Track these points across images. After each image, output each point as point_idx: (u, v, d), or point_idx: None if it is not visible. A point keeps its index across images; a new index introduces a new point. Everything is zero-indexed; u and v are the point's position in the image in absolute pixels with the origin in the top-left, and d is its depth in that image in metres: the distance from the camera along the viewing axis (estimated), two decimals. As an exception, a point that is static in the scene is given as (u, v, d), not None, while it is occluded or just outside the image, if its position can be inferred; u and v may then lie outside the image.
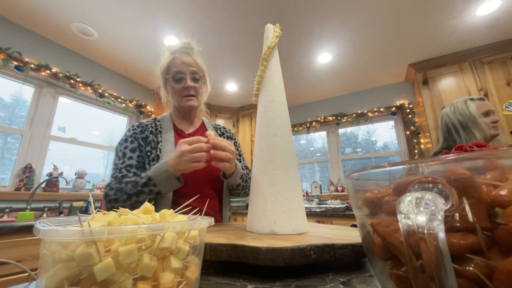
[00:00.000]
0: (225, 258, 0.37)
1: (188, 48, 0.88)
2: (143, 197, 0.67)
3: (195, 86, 0.85)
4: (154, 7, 1.89)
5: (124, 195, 0.68)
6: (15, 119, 2.08)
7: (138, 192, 0.67)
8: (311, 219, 2.42)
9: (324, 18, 2.02)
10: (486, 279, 0.15)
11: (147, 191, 0.67)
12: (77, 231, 0.18)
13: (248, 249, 0.36)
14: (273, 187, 0.55)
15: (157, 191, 0.67)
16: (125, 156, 0.77)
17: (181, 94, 0.85)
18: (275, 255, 0.34)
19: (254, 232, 0.54)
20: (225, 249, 0.37)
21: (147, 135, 0.82)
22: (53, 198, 2.08)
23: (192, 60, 0.84)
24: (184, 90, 0.84)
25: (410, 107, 2.86)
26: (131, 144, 0.79)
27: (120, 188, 0.69)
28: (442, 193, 0.16)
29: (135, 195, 0.67)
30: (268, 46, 0.67)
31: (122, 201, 0.68)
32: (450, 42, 2.30)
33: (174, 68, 0.84)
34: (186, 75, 0.84)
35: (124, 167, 0.75)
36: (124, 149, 0.78)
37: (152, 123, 0.87)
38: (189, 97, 0.85)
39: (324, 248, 0.36)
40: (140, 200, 0.67)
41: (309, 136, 3.73)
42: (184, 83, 0.84)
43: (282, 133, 0.60)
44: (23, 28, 2.08)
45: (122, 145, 0.79)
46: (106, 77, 2.66)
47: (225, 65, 2.70)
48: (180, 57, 0.84)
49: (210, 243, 0.39)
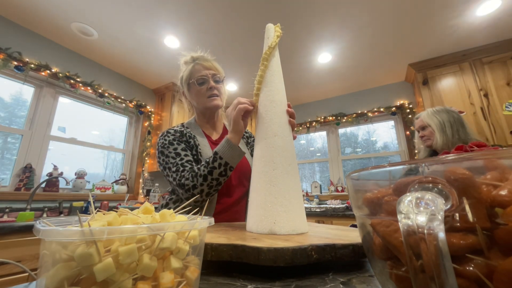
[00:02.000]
0: (226, 259, 0.37)
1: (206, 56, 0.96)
2: (216, 173, 0.71)
3: (217, 87, 0.91)
4: (154, 7, 1.89)
5: (200, 178, 0.71)
6: (15, 119, 2.08)
7: (210, 170, 0.71)
8: (311, 219, 2.42)
9: (324, 18, 2.02)
10: (486, 279, 0.15)
11: (217, 165, 0.71)
12: (77, 231, 0.18)
13: (249, 249, 0.36)
14: (273, 187, 0.55)
15: (225, 162, 0.71)
16: (179, 155, 0.80)
17: (205, 95, 0.90)
18: (276, 255, 0.34)
19: (254, 232, 0.54)
20: (226, 249, 0.37)
21: (187, 140, 0.86)
22: (53, 198, 2.08)
23: (212, 65, 0.92)
24: (208, 91, 0.90)
25: (410, 107, 2.86)
26: (179, 146, 0.83)
27: (194, 174, 0.73)
28: (442, 193, 0.16)
29: (209, 173, 0.71)
30: (269, 46, 0.67)
31: (200, 184, 0.71)
32: (450, 42, 2.30)
33: (197, 73, 0.90)
34: (209, 78, 0.90)
35: (185, 161, 0.79)
36: (174, 150, 0.81)
37: (184, 130, 0.90)
38: (213, 96, 0.90)
39: (325, 248, 0.36)
40: (215, 177, 0.71)
41: (309, 136, 3.73)
42: (207, 84, 0.89)
43: (282, 133, 0.60)
44: (23, 28, 2.08)
45: (169, 148, 0.82)
46: (106, 77, 2.66)
47: (225, 65, 2.70)
48: (200, 63, 0.91)
49: (211, 243, 0.38)
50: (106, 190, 2.50)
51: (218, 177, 0.71)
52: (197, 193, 0.72)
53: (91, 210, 0.25)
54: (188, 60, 0.95)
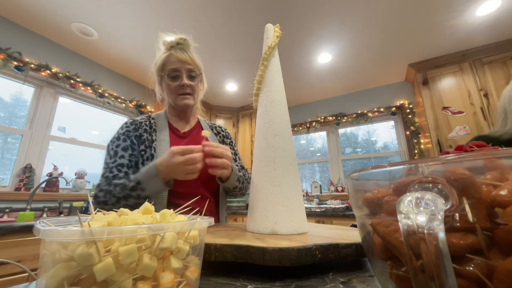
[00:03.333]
0: (230, 259, 0.37)
1: (185, 44, 0.85)
2: (132, 201, 0.66)
3: (191, 84, 0.82)
4: (154, 7, 1.89)
5: (113, 198, 0.66)
6: (15, 119, 2.08)
7: (126, 195, 0.65)
8: (311, 219, 2.42)
9: (324, 18, 2.02)
10: (486, 279, 0.15)
11: (135, 195, 0.65)
12: (77, 231, 0.18)
13: (254, 249, 0.35)
14: (274, 187, 0.55)
15: (145, 196, 0.65)
16: (117, 154, 0.75)
17: (176, 92, 0.82)
18: (282, 255, 0.34)
19: (255, 232, 0.54)
20: (230, 249, 0.37)
21: (141, 133, 0.80)
22: (53, 198, 2.08)
23: (188, 57, 0.82)
24: (180, 88, 0.82)
25: (410, 107, 2.86)
26: (123, 143, 0.77)
27: (109, 190, 0.67)
28: (442, 193, 0.16)
29: (123, 198, 0.66)
30: (268, 46, 0.67)
31: (111, 203, 0.66)
32: (450, 42, 2.30)
33: (170, 65, 0.81)
34: (182, 73, 0.81)
35: (115, 166, 0.73)
36: (116, 148, 0.76)
37: (146, 121, 0.84)
38: (185, 95, 0.83)
39: (328, 248, 0.36)
40: (129, 204, 0.66)
41: (309, 136, 3.73)
42: (180, 81, 0.81)
43: (282, 133, 0.60)
44: (23, 28, 2.08)
45: (114, 143, 0.77)
46: (106, 77, 2.66)
47: (225, 65, 2.70)
48: (175, 54, 0.81)
49: (214, 244, 0.38)
50: (106, 190, 2.49)
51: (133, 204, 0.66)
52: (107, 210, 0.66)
53: (91, 210, 0.25)
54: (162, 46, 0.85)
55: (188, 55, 0.82)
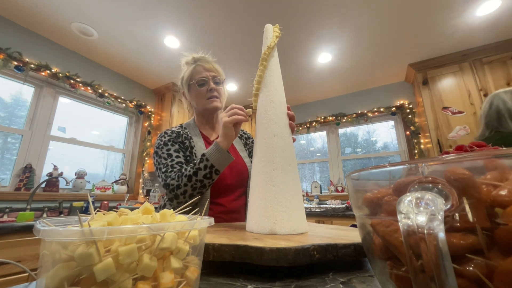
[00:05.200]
0: (228, 259, 0.37)
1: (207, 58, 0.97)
2: (201, 175, 0.71)
3: (217, 89, 0.92)
4: (154, 7, 1.89)
5: (184, 178, 0.72)
6: (15, 119, 2.08)
7: (196, 170, 0.72)
8: (311, 219, 2.42)
9: (324, 18, 2.02)
10: (486, 279, 0.15)
11: (202, 166, 0.72)
12: (77, 231, 0.18)
13: (252, 249, 0.36)
14: (273, 187, 0.55)
15: (211, 164, 0.72)
16: (171, 156, 0.81)
17: (205, 97, 0.91)
18: (279, 256, 0.34)
19: (254, 232, 0.54)
20: (228, 249, 0.37)
21: (183, 141, 0.88)
22: (53, 198, 2.08)
23: (212, 66, 0.93)
24: (208, 92, 0.91)
25: (410, 107, 2.86)
26: (172, 147, 0.84)
27: (180, 174, 0.74)
28: (442, 193, 0.16)
29: (194, 174, 0.72)
30: (268, 46, 0.67)
31: (184, 184, 0.72)
32: (450, 42, 2.30)
33: (197, 75, 0.91)
34: (209, 79, 0.91)
35: (175, 163, 0.80)
36: (167, 151, 0.82)
37: (182, 130, 0.91)
38: (212, 98, 0.92)
39: (327, 248, 0.36)
40: (199, 179, 0.72)
41: (309, 136, 3.73)
42: (207, 86, 0.91)
43: (282, 133, 0.60)
44: (23, 28, 2.08)
45: (162, 149, 0.83)
46: (106, 77, 2.66)
47: (225, 65, 2.70)
48: (201, 64, 0.92)
49: (212, 244, 0.38)
50: (106, 190, 2.50)
51: (203, 179, 0.72)
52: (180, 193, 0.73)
53: (90, 210, 0.26)
54: (189, 61, 0.96)
55: (212, 65, 0.94)
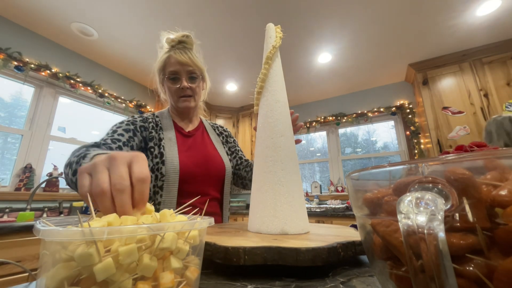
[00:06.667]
0: (260, 262, 0.35)
1: (187, 42, 0.83)
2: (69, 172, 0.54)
3: (191, 86, 0.81)
4: (154, 7, 1.89)
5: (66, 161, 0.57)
6: (15, 119, 2.08)
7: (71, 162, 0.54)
8: (311, 219, 2.43)
9: (324, 18, 2.02)
10: (486, 279, 0.15)
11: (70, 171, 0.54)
12: (77, 231, 0.18)
13: (286, 250, 0.35)
14: (282, 187, 0.55)
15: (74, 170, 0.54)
16: (115, 132, 0.71)
17: (177, 95, 0.82)
18: (315, 255, 0.34)
19: (263, 233, 0.53)
20: (260, 252, 0.36)
21: (147, 127, 0.78)
22: (53, 198, 2.08)
23: (188, 59, 0.79)
24: (180, 91, 0.81)
25: (410, 107, 2.86)
26: (126, 126, 0.74)
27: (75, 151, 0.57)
28: (442, 193, 0.16)
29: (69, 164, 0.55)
30: (273, 46, 0.67)
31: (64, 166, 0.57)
32: (450, 42, 2.30)
33: (169, 67, 0.80)
34: (182, 75, 0.80)
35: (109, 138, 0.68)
36: (116, 128, 0.73)
37: (153, 118, 0.83)
38: (185, 97, 0.82)
39: (347, 246, 0.38)
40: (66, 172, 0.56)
41: (309, 136, 3.73)
42: (179, 84, 0.80)
43: (287, 133, 0.60)
44: (23, 28, 2.08)
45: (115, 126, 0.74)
46: (106, 77, 2.66)
47: (225, 65, 2.70)
48: (175, 55, 0.79)
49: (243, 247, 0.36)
50: (106, 190, 2.49)
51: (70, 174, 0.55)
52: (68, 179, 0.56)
53: (90, 210, 0.26)
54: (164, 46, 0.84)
55: (188, 56, 0.80)
